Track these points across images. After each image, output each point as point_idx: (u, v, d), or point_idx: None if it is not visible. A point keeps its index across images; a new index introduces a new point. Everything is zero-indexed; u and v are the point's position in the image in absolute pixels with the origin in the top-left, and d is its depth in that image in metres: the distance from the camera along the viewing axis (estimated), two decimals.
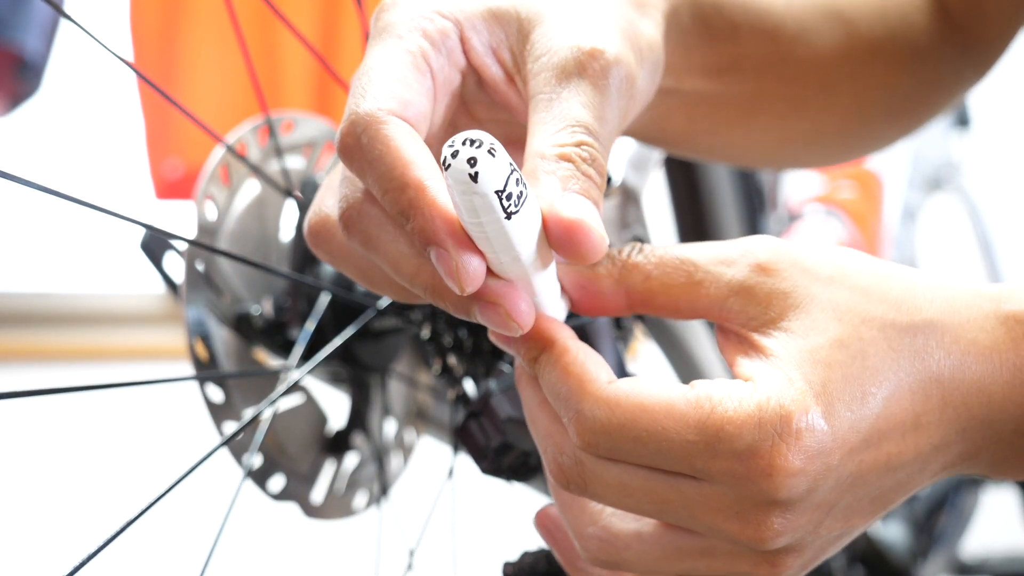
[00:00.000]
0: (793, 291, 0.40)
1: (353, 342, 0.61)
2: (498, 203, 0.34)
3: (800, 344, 0.39)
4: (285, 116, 0.63)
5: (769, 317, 0.39)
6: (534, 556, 0.53)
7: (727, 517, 0.38)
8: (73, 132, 2.03)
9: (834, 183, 1.56)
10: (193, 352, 0.57)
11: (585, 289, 0.42)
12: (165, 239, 0.59)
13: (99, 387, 0.46)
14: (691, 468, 0.38)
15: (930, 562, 1.33)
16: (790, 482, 0.37)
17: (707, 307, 0.41)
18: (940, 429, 0.40)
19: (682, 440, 0.37)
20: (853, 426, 0.38)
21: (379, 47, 0.41)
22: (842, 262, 0.41)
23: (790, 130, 0.61)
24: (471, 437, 0.51)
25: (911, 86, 0.63)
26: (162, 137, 1.83)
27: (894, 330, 0.39)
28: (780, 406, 0.37)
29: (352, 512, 0.66)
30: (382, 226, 0.39)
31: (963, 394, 0.40)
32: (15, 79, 1.68)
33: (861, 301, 0.40)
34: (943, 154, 1.63)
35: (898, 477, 0.40)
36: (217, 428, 0.57)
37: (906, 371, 0.39)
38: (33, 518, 1.82)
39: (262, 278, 0.62)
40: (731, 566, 0.40)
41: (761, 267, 0.40)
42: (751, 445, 0.37)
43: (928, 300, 0.40)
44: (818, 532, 0.40)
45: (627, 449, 0.38)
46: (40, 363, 1.92)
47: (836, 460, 0.38)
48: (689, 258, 0.41)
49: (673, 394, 0.38)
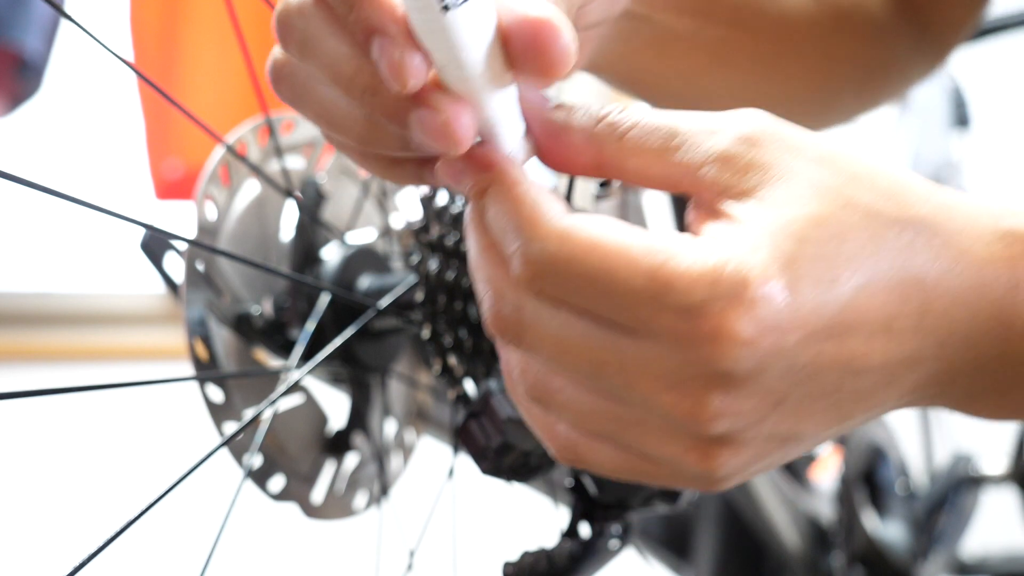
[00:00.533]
0: (775, 163, 0.36)
1: (353, 342, 0.61)
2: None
3: (774, 214, 0.35)
4: (285, 116, 0.63)
5: (745, 187, 0.36)
6: (534, 556, 0.53)
7: (664, 387, 0.35)
8: (73, 132, 2.03)
9: None
10: (193, 352, 0.57)
11: (554, 137, 0.38)
12: (165, 239, 0.59)
13: (99, 387, 0.46)
14: (634, 319, 0.34)
15: (930, 562, 1.33)
16: (736, 351, 0.34)
17: (680, 175, 0.37)
18: (915, 338, 0.37)
19: (630, 285, 0.34)
20: (816, 309, 0.35)
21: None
22: (834, 147, 0.38)
23: (758, 90, 0.60)
24: (471, 437, 0.51)
25: (873, 59, 0.64)
26: (162, 137, 1.83)
27: (880, 220, 0.36)
28: (739, 270, 0.34)
29: (352, 512, 0.66)
30: (321, 25, 0.37)
31: (946, 303, 0.37)
32: (15, 79, 1.68)
33: (848, 184, 0.37)
34: (943, 154, 1.63)
35: (859, 384, 0.37)
36: (217, 428, 0.57)
37: (886, 264, 0.36)
38: (33, 518, 1.82)
39: (262, 278, 0.62)
40: (660, 444, 0.37)
41: (745, 138, 0.37)
42: (700, 303, 0.33)
43: (922, 198, 0.38)
44: (761, 427, 0.36)
45: (572, 287, 0.35)
46: (40, 363, 1.92)
47: (792, 341, 0.34)
48: (670, 123, 0.37)
49: (630, 238, 0.35)
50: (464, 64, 0.34)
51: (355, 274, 0.62)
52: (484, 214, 0.37)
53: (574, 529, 0.54)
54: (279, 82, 0.40)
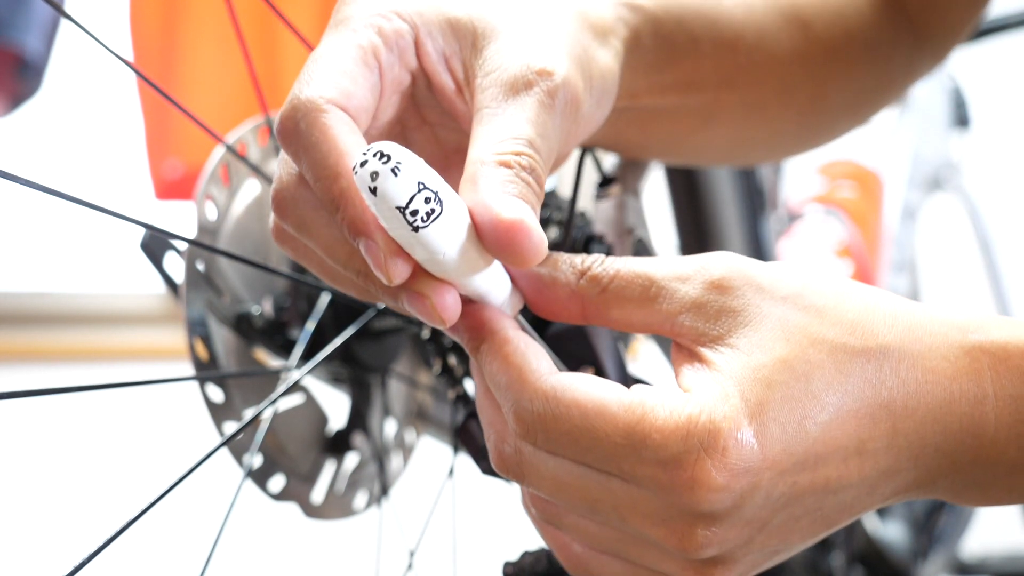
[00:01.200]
0: (744, 309, 0.39)
1: (353, 342, 0.61)
2: (400, 218, 0.35)
3: (744, 361, 0.38)
4: None
5: (717, 333, 0.39)
6: (534, 556, 0.53)
7: (654, 523, 0.38)
8: (73, 132, 2.03)
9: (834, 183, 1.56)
10: (193, 352, 0.57)
11: (541, 293, 0.42)
12: (165, 239, 0.59)
13: (99, 387, 0.46)
14: (619, 470, 0.38)
15: (930, 562, 1.33)
16: (712, 496, 0.37)
17: (660, 322, 0.41)
18: (889, 456, 0.39)
19: (610, 442, 0.37)
20: (786, 448, 0.38)
21: (332, 38, 0.42)
22: (802, 283, 0.40)
23: (747, 134, 0.61)
24: (471, 437, 0.51)
25: (867, 80, 0.63)
26: (162, 137, 1.83)
27: (844, 353, 0.39)
28: (711, 421, 0.37)
29: (352, 512, 0.66)
30: (316, 210, 0.40)
31: (917, 422, 0.39)
32: (15, 79, 1.68)
33: (813, 323, 0.39)
34: (943, 154, 1.63)
35: (841, 499, 0.40)
36: (217, 428, 0.57)
37: (852, 396, 0.39)
38: (33, 518, 1.82)
39: (262, 278, 0.62)
40: (659, 562, 0.40)
41: (715, 284, 0.40)
42: (675, 456, 0.37)
43: (887, 325, 0.40)
44: (750, 547, 0.40)
45: (561, 442, 0.38)
46: (40, 363, 1.92)
47: (766, 479, 0.37)
48: (646, 273, 0.41)
49: (608, 395, 0.38)
50: (441, 263, 0.37)
51: None
52: (483, 370, 0.41)
53: None
54: (283, 243, 0.44)
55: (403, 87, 0.44)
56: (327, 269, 0.43)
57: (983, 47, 1.54)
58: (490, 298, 0.41)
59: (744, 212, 1.03)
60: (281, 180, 0.41)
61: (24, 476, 1.84)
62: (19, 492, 1.83)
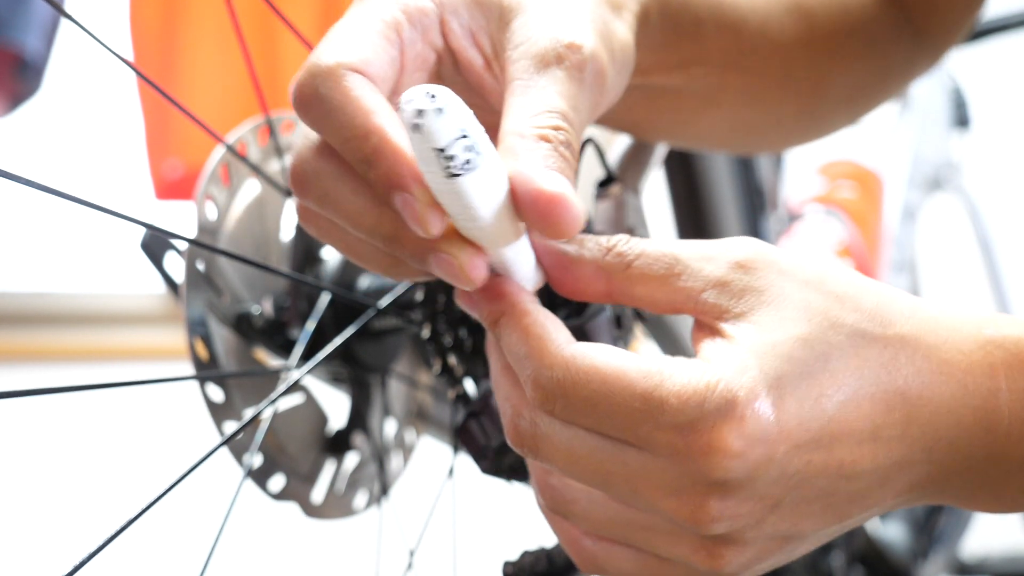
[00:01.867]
0: (768, 289, 0.40)
1: (353, 342, 0.61)
2: (437, 160, 0.35)
3: (764, 336, 0.39)
4: (285, 116, 0.63)
5: (740, 310, 0.40)
6: (534, 555, 0.53)
7: (666, 494, 0.38)
8: (73, 132, 2.03)
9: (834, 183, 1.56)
10: (193, 352, 0.57)
11: (567, 270, 0.42)
12: (165, 239, 0.59)
13: (99, 387, 0.46)
14: (635, 436, 0.38)
15: (930, 562, 1.33)
16: (727, 463, 0.37)
17: (684, 300, 0.41)
18: (902, 445, 0.40)
19: (628, 407, 0.37)
20: (802, 423, 0.38)
21: (354, 11, 0.42)
22: (822, 269, 0.41)
23: (749, 119, 0.62)
24: (471, 437, 0.51)
25: (866, 75, 0.64)
26: (162, 137, 1.83)
27: (863, 339, 0.39)
28: (728, 389, 0.37)
29: (352, 512, 0.66)
30: (339, 180, 0.40)
31: (930, 413, 0.40)
32: (15, 79, 1.68)
33: (834, 307, 0.40)
34: (943, 154, 1.63)
35: (854, 487, 0.40)
36: (217, 428, 0.57)
37: (869, 380, 0.39)
38: (33, 518, 1.82)
39: (262, 278, 0.62)
40: (670, 545, 0.40)
41: (740, 264, 0.40)
42: (692, 421, 0.37)
43: (904, 316, 0.40)
44: (761, 528, 0.39)
45: (578, 409, 0.38)
46: (40, 363, 1.92)
47: (780, 452, 0.38)
48: (672, 252, 0.41)
49: (627, 362, 0.38)
50: (475, 219, 0.37)
51: (355, 273, 0.62)
52: (501, 342, 0.41)
53: None
54: (307, 222, 0.43)
55: (428, 65, 0.44)
56: (353, 245, 0.43)
57: (983, 47, 1.54)
58: (514, 269, 0.41)
59: (744, 212, 1.03)
60: (299, 155, 0.41)
61: (24, 476, 1.84)
62: (19, 492, 1.83)
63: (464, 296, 0.42)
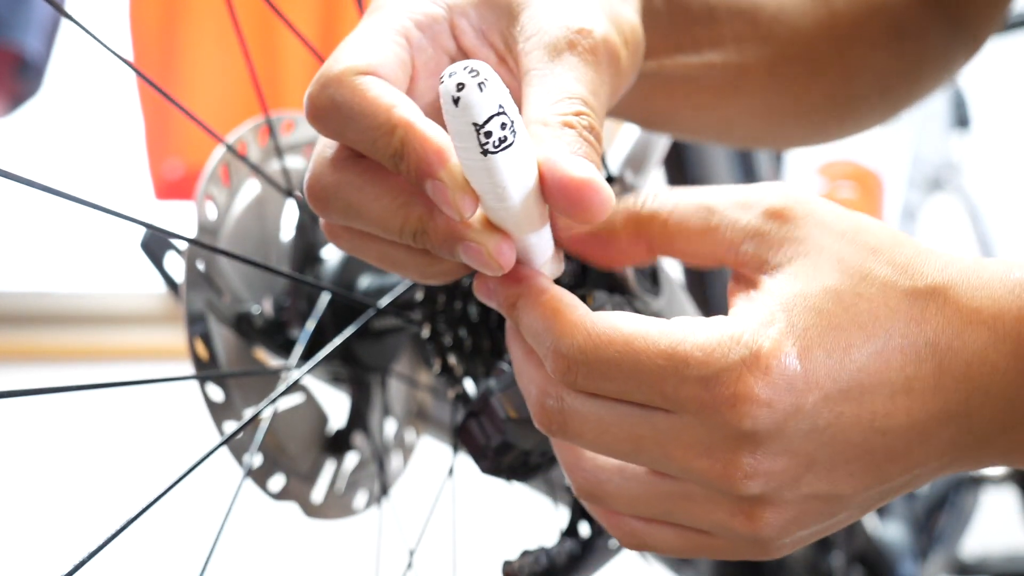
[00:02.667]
0: (806, 239, 0.40)
1: (353, 341, 0.61)
2: (474, 136, 0.35)
3: (795, 286, 0.39)
4: (285, 116, 0.63)
5: (778, 261, 0.40)
6: (534, 555, 0.53)
7: (697, 453, 0.38)
8: (73, 132, 2.03)
9: (834, 183, 1.56)
10: (193, 351, 0.57)
11: (605, 245, 0.42)
12: (165, 239, 0.59)
13: (99, 386, 0.46)
14: (661, 395, 0.38)
15: (930, 562, 1.33)
16: (755, 411, 0.37)
17: (724, 252, 0.41)
18: (937, 397, 0.39)
19: (653, 364, 0.37)
20: (830, 373, 0.38)
21: (364, 23, 0.43)
22: (858, 220, 0.41)
23: (774, 106, 0.61)
24: (471, 436, 0.51)
25: (897, 63, 0.63)
26: (162, 137, 1.83)
27: (895, 291, 0.39)
28: (753, 340, 0.37)
29: (352, 512, 0.66)
30: (360, 188, 0.40)
31: (963, 363, 0.39)
32: (16, 79, 1.68)
33: (868, 259, 0.40)
34: (943, 154, 1.63)
35: (891, 442, 0.39)
36: (217, 427, 0.57)
37: (899, 332, 0.39)
38: (33, 518, 1.82)
39: (262, 278, 0.62)
40: (708, 513, 0.40)
41: (777, 212, 0.40)
42: (717, 372, 0.37)
43: (937, 269, 0.40)
44: (798, 487, 0.39)
45: (602, 372, 0.38)
46: (40, 363, 1.92)
47: (809, 402, 0.37)
48: (705, 203, 0.41)
49: (648, 323, 0.38)
50: (505, 199, 0.38)
51: (355, 273, 0.62)
52: (520, 324, 0.41)
53: (574, 528, 0.54)
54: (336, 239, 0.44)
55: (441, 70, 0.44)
56: (386, 254, 0.43)
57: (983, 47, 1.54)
58: (536, 256, 0.41)
59: None
60: (314, 173, 0.41)
61: (24, 476, 1.84)
62: (19, 492, 1.83)
63: (481, 285, 0.42)
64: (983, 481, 1.45)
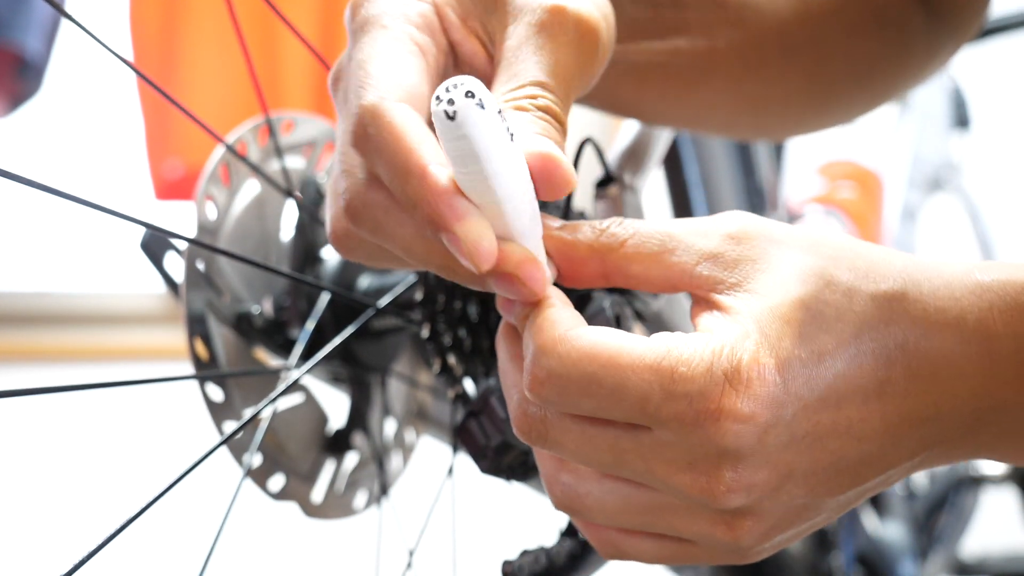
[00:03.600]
0: (761, 257, 0.40)
1: (353, 341, 0.61)
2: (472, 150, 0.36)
3: (761, 302, 0.39)
4: (285, 116, 0.63)
5: (735, 280, 0.40)
6: (533, 555, 0.53)
7: (679, 468, 0.38)
8: (73, 132, 2.03)
9: (834, 183, 1.56)
10: (193, 351, 0.57)
11: (563, 255, 0.42)
12: (165, 239, 0.59)
13: (99, 386, 0.46)
14: (643, 412, 0.38)
15: (930, 562, 1.33)
16: (737, 428, 0.37)
17: (679, 275, 0.41)
18: (908, 400, 0.39)
19: (638, 378, 0.37)
20: (808, 382, 0.38)
21: (366, 39, 0.43)
22: (814, 235, 0.41)
23: (747, 92, 0.61)
24: (471, 436, 0.51)
25: (877, 49, 0.63)
26: (162, 137, 1.83)
27: (859, 295, 0.39)
28: (733, 354, 0.37)
29: (352, 512, 0.66)
30: (388, 212, 0.41)
31: (931, 365, 0.39)
32: (16, 79, 1.68)
33: (829, 266, 0.40)
34: (943, 154, 1.63)
35: (866, 448, 0.39)
36: (217, 427, 0.57)
37: (869, 336, 0.39)
38: (33, 518, 1.82)
39: (262, 278, 0.62)
40: (689, 524, 0.40)
41: (732, 236, 0.41)
42: (702, 388, 0.37)
43: (898, 270, 0.40)
44: (778, 497, 0.39)
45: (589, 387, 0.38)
46: (40, 363, 1.92)
47: (788, 413, 0.38)
48: (665, 229, 0.41)
49: (632, 339, 0.38)
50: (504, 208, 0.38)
51: (355, 273, 0.62)
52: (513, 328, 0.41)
53: (573, 528, 0.54)
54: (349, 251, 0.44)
55: (441, 67, 0.45)
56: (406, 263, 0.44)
57: (983, 47, 1.54)
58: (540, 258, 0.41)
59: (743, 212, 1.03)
60: (350, 190, 0.41)
61: (24, 476, 1.84)
62: (19, 492, 1.83)
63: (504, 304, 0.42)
64: (983, 481, 1.45)
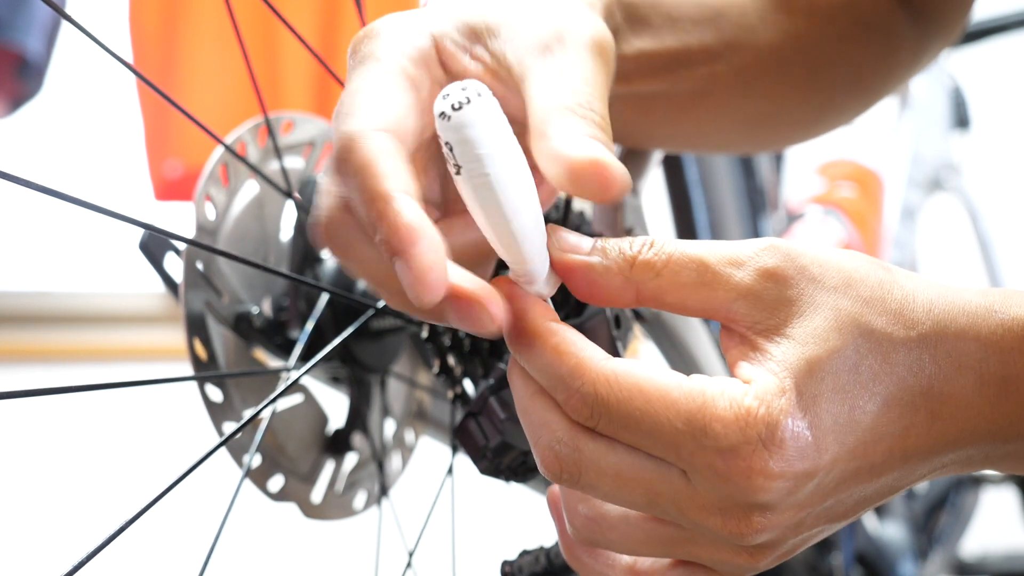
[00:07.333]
0: (799, 299, 0.41)
1: (352, 342, 0.61)
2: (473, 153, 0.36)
3: (800, 352, 0.40)
4: (284, 116, 0.63)
5: (774, 323, 0.40)
6: (533, 555, 0.53)
7: (711, 513, 0.39)
8: (73, 132, 2.03)
9: (833, 183, 1.56)
10: (192, 352, 0.57)
11: (595, 284, 0.42)
12: (164, 239, 0.59)
13: (99, 387, 0.46)
14: (677, 456, 0.39)
15: (930, 562, 1.33)
16: (769, 485, 0.38)
17: (715, 308, 0.41)
18: (928, 440, 0.41)
19: (672, 427, 0.38)
20: (838, 438, 0.39)
21: (361, 71, 0.43)
22: (849, 271, 0.42)
23: (745, 110, 0.62)
24: (470, 437, 0.51)
25: (864, 57, 0.64)
26: (162, 138, 1.83)
27: (890, 343, 0.40)
28: (768, 414, 0.38)
29: (352, 512, 0.66)
30: (356, 234, 0.41)
31: (952, 408, 0.41)
32: (16, 80, 1.68)
33: (864, 312, 0.41)
34: (943, 154, 1.63)
35: (884, 482, 0.41)
36: (216, 428, 0.57)
37: (897, 385, 0.40)
38: (33, 518, 1.82)
39: (261, 278, 0.62)
40: (711, 554, 0.42)
41: (769, 273, 0.41)
42: (734, 446, 0.38)
43: (925, 311, 0.41)
44: (799, 529, 0.41)
45: (624, 425, 0.39)
46: (40, 363, 1.92)
47: (819, 468, 0.39)
48: (699, 257, 0.41)
49: (669, 381, 0.39)
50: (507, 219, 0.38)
51: None
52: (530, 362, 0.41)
53: None
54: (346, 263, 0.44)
55: None
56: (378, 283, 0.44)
57: (983, 47, 1.54)
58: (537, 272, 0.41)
59: (744, 212, 1.03)
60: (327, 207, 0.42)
61: (24, 476, 1.84)
62: (19, 492, 1.83)
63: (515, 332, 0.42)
64: (983, 481, 1.45)
